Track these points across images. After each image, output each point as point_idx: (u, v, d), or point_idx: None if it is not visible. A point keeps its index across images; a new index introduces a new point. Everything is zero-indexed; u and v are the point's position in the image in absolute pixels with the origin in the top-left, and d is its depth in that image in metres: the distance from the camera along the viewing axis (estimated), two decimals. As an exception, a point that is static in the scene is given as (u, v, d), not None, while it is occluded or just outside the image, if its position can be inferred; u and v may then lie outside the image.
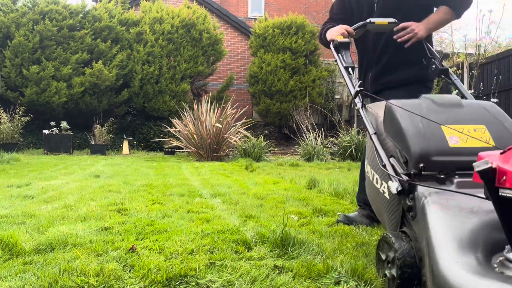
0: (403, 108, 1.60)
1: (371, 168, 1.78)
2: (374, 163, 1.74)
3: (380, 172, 1.67)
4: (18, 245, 1.79)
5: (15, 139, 9.08)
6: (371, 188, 1.81)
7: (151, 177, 5.04)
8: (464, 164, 1.41)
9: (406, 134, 1.52)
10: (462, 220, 1.26)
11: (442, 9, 2.30)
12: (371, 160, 1.78)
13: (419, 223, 1.38)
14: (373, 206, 1.90)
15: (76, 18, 10.57)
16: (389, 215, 1.64)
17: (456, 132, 1.50)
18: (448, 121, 1.55)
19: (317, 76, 11.99)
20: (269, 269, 1.59)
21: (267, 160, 8.06)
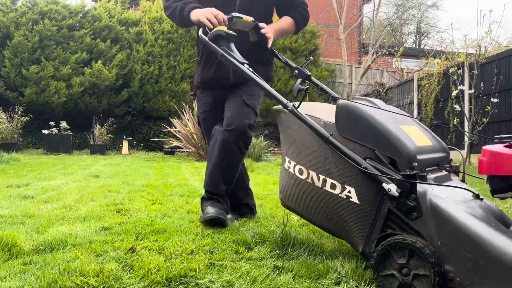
0: (365, 109, 1.56)
1: (318, 173, 1.63)
2: (324, 167, 1.62)
3: (341, 177, 1.57)
4: (18, 245, 1.78)
5: (15, 139, 9.07)
6: (313, 195, 1.65)
7: (151, 177, 5.03)
8: (431, 161, 1.59)
9: (390, 134, 1.50)
10: (473, 209, 1.37)
11: (288, 19, 2.38)
12: (316, 165, 1.64)
13: (426, 222, 1.37)
14: (315, 215, 1.71)
15: (76, 18, 10.57)
16: (359, 221, 1.54)
17: (410, 133, 1.60)
18: (397, 122, 1.62)
19: (317, 76, 12.00)
20: (269, 269, 1.59)
21: (267, 160, 8.06)
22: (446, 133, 7.86)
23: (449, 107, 7.74)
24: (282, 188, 1.83)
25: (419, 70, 11.26)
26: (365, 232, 1.53)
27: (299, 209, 1.78)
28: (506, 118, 6.45)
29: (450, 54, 8.31)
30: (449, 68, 7.55)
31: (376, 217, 1.50)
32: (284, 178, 1.81)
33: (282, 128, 1.84)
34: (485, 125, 6.48)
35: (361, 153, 1.53)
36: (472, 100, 6.88)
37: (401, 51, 12.24)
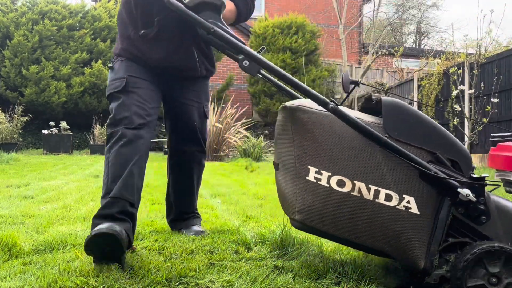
0: (414, 108, 1.45)
1: (368, 183, 1.38)
2: (376, 176, 1.38)
3: (398, 186, 1.37)
4: (18, 246, 1.78)
5: (15, 139, 9.07)
6: (360, 210, 1.39)
7: (151, 177, 5.03)
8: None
9: (449, 135, 1.42)
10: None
11: (230, 4, 1.94)
12: (365, 174, 1.39)
13: (495, 225, 1.35)
14: (357, 235, 1.42)
15: (76, 17, 10.57)
16: (420, 234, 1.37)
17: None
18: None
19: (317, 76, 12.00)
20: (269, 270, 1.59)
21: (267, 160, 8.06)
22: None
23: (449, 107, 7.74)
24: (302, 207, 1.43)
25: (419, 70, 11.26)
26: (425, 245, 1.38)
27: (332, 230, 1.43)
28: (506, 118, 6.44)
29: (450, 54, 8.31)
30: (449, 68, 7.55)
31: (435, 226, 1.37)
32: (306, 194, 1.42)
33: (301, 130, 1.44)
34: (485, 125, 6.48)
35: (419, 157, 1.38)
36: (472, 100, 6.88)
37: (401, 51, 12.24)
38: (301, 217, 1.45)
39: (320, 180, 1.41)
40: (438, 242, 1.37)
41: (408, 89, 9.82)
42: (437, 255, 1.37)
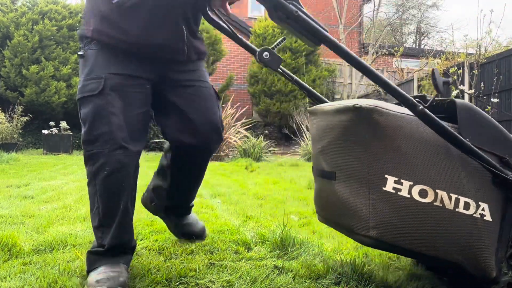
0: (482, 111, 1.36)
1: (450, 192, 1.27)
2: (456, 184, 1.28)
3: (474, 193, 1.29)
4: (18, 246, 1.78)
5: (14, 139, 9.07)
6: (440, 221, 1.27)
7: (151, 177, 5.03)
8: None
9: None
10: None
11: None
12: (447, 182, 1.27)
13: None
14: (436, 248, 1.29)
15: (76, 17, 10.57)
16: (493, 242, 1.32)
17: None
18: None
19: (317, 76, 12.00)
20: (269, 270, 1.59)
21: (267, 160, 8.06)
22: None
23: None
24: (377, 221, 1.25)
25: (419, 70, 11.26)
26: (494, 252, 1.31)
27: (410, 245, 1.28)
28: (506, 118, 6.44)
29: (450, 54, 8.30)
30: (449, 68, 7.55)
31: (501, 233, 1.32)
32: (382, 206, 1.26)
33: (378, 135, 1.25)
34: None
35: (494, 160, 1.31)
36: (472, 100, 6.87)
37: (401, 51, 12.24)
38: (377, 233, 1.26)
39: (400, 190, 1.26)
40: (505, 249, 1.32)
41: (408, 89, 9.82)
42: (504, 262, 1.32)
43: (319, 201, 1.52)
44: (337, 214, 1.39)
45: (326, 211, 1.47)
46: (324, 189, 1.44)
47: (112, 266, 1.41)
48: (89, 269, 1.44)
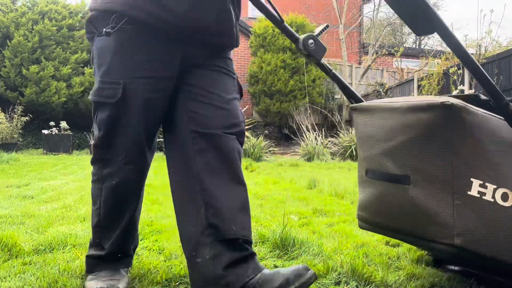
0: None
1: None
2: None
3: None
4: (18, 245, 1.78)
5: (15, 139, 9.07)
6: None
7: (151, 177, 5.03)
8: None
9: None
10: None
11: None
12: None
13: None
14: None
15: (76, 17, 10.58)
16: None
17: None
18: None
19: (317, 76, 12.00)
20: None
21: (267, 160, 8.06)
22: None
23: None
24: (463, 228, 1.16)
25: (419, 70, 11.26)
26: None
27: (492, 252, 1.19)
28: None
29: (450, 54, 8.30)
30: (449, 68, 7.55)
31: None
32: (467, 212, 1.17)
33: (465, 135, 1.17)
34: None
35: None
36: (472, 100, 6.88)
37: (401, 51, 12.24)
38: (461, 241, 1.16)
39: (485, 194, 1.17)
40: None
41: (408, 89, 9.82)
42: None
43: (380, 207, 1.36)
44: (409, 222, 1.26)
45: (391, 218, 1.33)
46: (391, 194, 1.30)
47: (112, 272, 1.37)
48: (88, 272, 1.41)
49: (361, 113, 1.42)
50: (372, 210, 1.40)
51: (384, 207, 1.34)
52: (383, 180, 1.33)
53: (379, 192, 1.35)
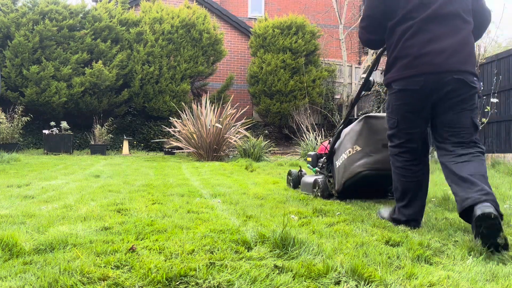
0: None
1: None
2: None
3: None
4: (18, 245, 1.79)
5: (15, 139, 9.08)
6: None
7: (151, 177, 5.04)
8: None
9: None
10: None
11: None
12: None
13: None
14: None
15: (76, 18, 10.58)
16: None
17: None
18: None
19: (317, 76, 12.00)
20: (269, 269, 1.59)
21: (267, 160, 8.06)
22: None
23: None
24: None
25: (419, 70, 11.24)
26: None
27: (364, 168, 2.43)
28: (505, 118, 6.45)
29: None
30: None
31: None
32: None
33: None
34: (484, 125, 6.48)
35: None
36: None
37: (401, 51, 12.20)
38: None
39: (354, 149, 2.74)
40: None
41: (408, 89, 9.85)
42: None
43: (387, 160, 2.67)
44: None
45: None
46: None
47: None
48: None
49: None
50: (386, 162, 2.69)
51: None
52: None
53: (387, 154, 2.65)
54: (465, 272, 1.61)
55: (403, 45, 2.25)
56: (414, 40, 2.21)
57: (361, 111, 11.11)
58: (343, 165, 3.09)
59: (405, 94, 2.28)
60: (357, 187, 3.12)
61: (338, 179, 3.17)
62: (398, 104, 2.33)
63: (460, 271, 1.62)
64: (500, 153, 6.42)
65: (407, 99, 2.28)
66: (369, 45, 2.64)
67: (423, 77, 2.19)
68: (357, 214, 2.67)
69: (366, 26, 2.51)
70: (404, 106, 2.31)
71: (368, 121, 3.00)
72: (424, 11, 2.21)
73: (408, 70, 2.23)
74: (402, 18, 2.26)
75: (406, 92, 2.27)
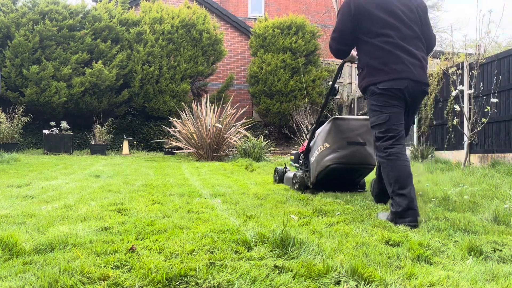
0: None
1: None
2: None
3: None
4: (18, 245, 1.79)
5: (15, 139, 9.08)
6: None
7: (151, 177, 5.04)
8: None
9: None
10: None
11: None
12: None
13: None
14: None
15: (76, 18, 10.58)
16: None
17: None
18: None
19: (317, 76, 12.00)
20: (269, 269, 1.59)
21: (267, 160, 8.06)
22: (445, 133, 7.86)
23: (448, 107, 7.74)
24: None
25: (419, 70, 11.24)
26: None
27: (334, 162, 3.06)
28: (505, 118, 6.45)
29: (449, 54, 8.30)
30: (449, 68, 7.55)
31: None
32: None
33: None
34: (484, 125, 6.48)
35: None
36: (472, 100, 6.88)
37: (401, 51, 12.20)
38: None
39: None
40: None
41: (408, 89, 9.84)
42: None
43: (355, 155, 3.50)
44: (365, 159, 3.53)
45: (358, 158, 3.49)
46: (360, 150, 3.52)
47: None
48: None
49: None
50: (350, 157, 3.42)
51: (356, 154, 3.42)
52: (356, 145, 3.42)
53: (356, 149, 3.43)
54: (465, 272, 1.61)
55: (383, 54, 2.65)
56: (393, 52, 2.63)
57: (361, 111, 11.12)
58: (316, 160, 3.58)
59: (391, 92, 2.63)
60: (328, 179, 3.60)
61: (312, 173, 3.67)
62: (387, 101, 2.65)
63: (460, 271, 1.62)
64: (500, 153, 6.42)
65: (393, 97, 2.64)
66: (337, 54, 2.94)
67: (406, 81, 2.61)
68: (357, 214, 2.67)
69: (336, 37, 2.86)
70: (392, 102, 2.64)
71: (335, 122, 3.49)
72: (394, 31, 2.66)
73: (394, 74, 2.62)
74: (376, 33, 2.68)
75: (392, 90, 2.62)
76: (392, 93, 2.62)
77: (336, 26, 2.85)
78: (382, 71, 2.65)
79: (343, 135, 3.44)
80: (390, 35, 2.65)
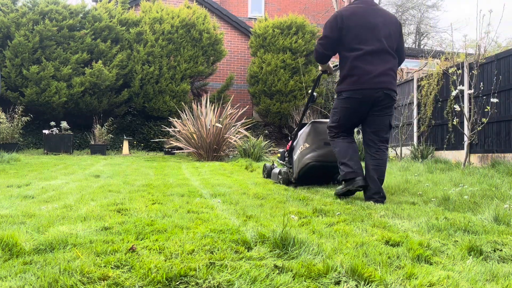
0: None
1: None
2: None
3: None
4: (18, 245, 1.79)
5: (15, 139, 9.08)
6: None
7: (151, 177, 5.04)
8: None
9: None
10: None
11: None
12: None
13: None
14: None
15: (76, 18, 10.59)
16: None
17: None
18: None
19: (317, 76, 12.00)
20: (269, 269, 1.59)
21: (267, 160, 8.06)
22: (445, 133, 7.86)
23: (448, 107, 7.74)
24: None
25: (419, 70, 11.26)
26: None
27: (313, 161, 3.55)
28: (505, 118, 6.45)
29: (449, 54, 8.30)
30: (449, 68, 7.55)
31: None
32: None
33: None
34: (484, 125, 6.48)
35: None
36: (472, 100, 6.88)
37: (401, 51, 12.21)
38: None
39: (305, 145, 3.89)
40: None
41: (408, 89, 9.82)
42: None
43: (330, 153, 3.72)
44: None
45: (332, 156, 3.68)
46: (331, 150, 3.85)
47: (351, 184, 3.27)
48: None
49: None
50: (327, 156, 3.84)
51: (332, 153, 3.57)
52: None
53: (332, 149, 3.54)
54: (465, 272, 1.61)
55: (352, 67, 3.23)
56: (360, 65, 3.21)
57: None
58: (297, 158, 4.05)
59: (350, 100, 3.29)
60: (308, 175, 4.06)
61: (295, 169, 4.16)
62: (344, 106, 3.34)
63: (460, 271, 1.62)
64: (500, 153, 6.42)
65: (351, 104, 3.29)
66: (322, 58, 3.46)
67: (365, 90, 3.21)
68: (357, 214, 2.67)
69: (324, 44, 3.38)
70: (348, 109, 3.33)
71: (314, 125, 4.01)
72: (367, 46, 3.20)
73: (355, 85, 3.23)
74: (352, 48, 3.23)
75: (352, 99, 3.28)
76: (352, 100, 3.27)
77: (325, 34, 3.35)
78: (346, 81, 3.27)
79: (321, 136, 3.91)
80: (362, 49, 3.20)
